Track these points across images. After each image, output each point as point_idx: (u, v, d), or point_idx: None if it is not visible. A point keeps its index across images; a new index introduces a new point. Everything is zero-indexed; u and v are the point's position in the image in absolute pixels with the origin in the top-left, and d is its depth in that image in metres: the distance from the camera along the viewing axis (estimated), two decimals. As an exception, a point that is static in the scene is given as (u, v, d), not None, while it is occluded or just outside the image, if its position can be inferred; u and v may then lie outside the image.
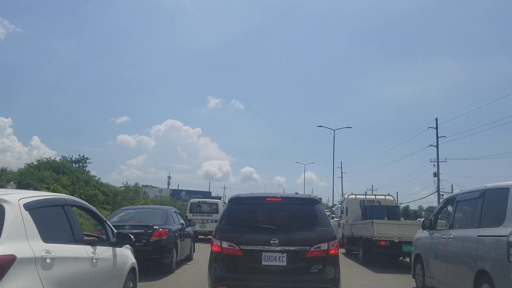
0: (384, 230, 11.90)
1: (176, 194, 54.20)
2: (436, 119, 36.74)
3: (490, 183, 6.26)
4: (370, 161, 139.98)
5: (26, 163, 28.85)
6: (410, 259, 12.33)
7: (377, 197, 17.67)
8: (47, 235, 3.65)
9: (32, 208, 3.60)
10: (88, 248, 4.37)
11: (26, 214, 3.48)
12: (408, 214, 52.18)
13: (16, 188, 16.57)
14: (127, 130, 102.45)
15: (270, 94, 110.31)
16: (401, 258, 13.43)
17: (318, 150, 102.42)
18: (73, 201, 4.77)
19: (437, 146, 36.95)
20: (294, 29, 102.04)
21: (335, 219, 19.96)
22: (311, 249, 5.42)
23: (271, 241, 5.38)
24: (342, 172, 52.36)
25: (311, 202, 6.09)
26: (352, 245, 15.07)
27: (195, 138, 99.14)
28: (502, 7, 78.81)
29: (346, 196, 18.88)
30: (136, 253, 6.05)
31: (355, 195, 17.98)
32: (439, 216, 8.01)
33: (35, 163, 28.58)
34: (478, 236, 5.76)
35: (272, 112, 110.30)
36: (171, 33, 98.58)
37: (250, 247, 5.43)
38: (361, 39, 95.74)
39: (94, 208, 5.37)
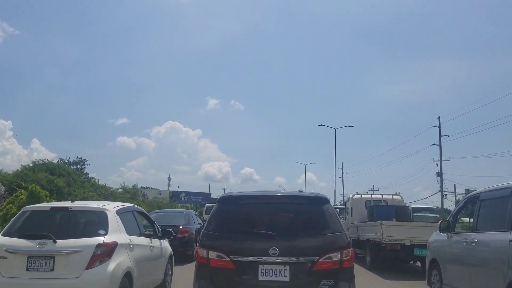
0: (394, 232, 11.08)
1: (175, 195, 53.69)
2: (439, 117, 35.37)
3: (494, 182, 5.62)
4: (371, 161, 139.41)
5: (22, 165, 28.31)
6: (421, 263, 11.98)
7: (384, 196, 16.60)
8: (128, 230, 5.91)
9: (120, 213, 5.91)
10: (147, 239, 6.63)
11: (118, 217, 5.74)
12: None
13: (5, 190, 16.36)
14: (126, 131, 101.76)
15: (270, 94, 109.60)
16: (411, 262, 12.80)
17: (319, 150, 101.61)
18: (136, 208, 7.37)
19: (440, 145, 35.48)
20: (294, 28, 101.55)
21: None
22: (320, 260, 4.46)
23: (270, 251, 4.43)
24: (343, 173, 51.61)
25: (319, 202, 5.01)
26: (358, 248, 14.14)
27: (196, 139, 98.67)
28: (504, 5, 78.22)
29: (351, 196, 17.81)
30: None
31: (361, 194, 17.05)
32: (458, 217, 7.22)
33: (31, 165, 28.04)
34: (510, 240, 5.06)
35: (272, 113, 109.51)
36: (171, 34, 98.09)
37: (244, 258, 4.48)
38: (361, 38, 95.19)
39: (148, 214, 7.97)
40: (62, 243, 5.16)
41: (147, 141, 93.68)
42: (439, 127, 35.25)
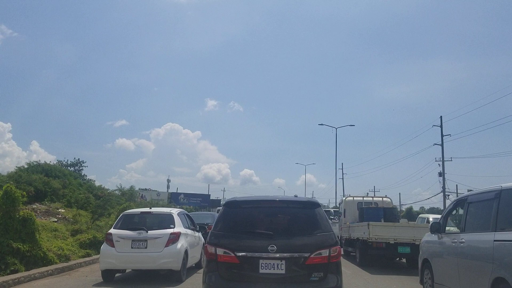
0: (380, 232, 11.96)
1: (174, 197, 53.58)
2: (441, 117, 34.59)
3: (496, 182, 5.79)
4: (372, 162, 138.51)
5: (16, 166, 28.33)
6: (406, 260, 13.05)
7: (375, 199, 17.51)
8: (183, 225, 9.56)
9: (179, 215, 9.74)
10: (192, 231, 10.23)
11: (178, 217, 9.51)
12: (412, 215, 51.11)
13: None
14: (125, 133, 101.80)
15: (269, 95, 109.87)
16: (397, 259, 13.65)
17: (318, 152, 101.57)
18: (185, 212, 11.38)
19: (442, 145, 34.60)
20: (292, 30, 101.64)
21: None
22: (312, 255, 5.02)
23: (269, 248, 4.99)
24: (343, 173, 51.19)
25: (311, 206, 5.63)
26: (350, 247, 15.17)
27: (195, 141, 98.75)
28: (504, 6, 78.04)
29: (344, 198, 18.65)
30: None
31: (353, 197, 17.83)
32: (449, 218, 7.45)
33: (26, 166, 28.08)
34: (495, 240, 5.23)
35: (272, 114, 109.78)
36: (169, 36, 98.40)
37: (246, 254, 5.03)
38: (360, 40, 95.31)
39: (190, 215, 11.54)
40: (151, 232, 8.88)
41: (147, 143, 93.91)
42: (441, 126, 34.37)
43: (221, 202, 62.89)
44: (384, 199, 17.19)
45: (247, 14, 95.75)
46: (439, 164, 35.39)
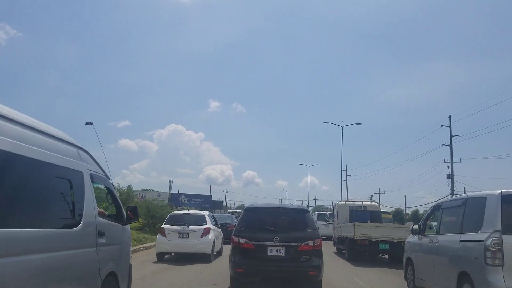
0: (363, 231, 13.88)
1: (175, 197, 53.59)
2: (450, 116, 32.86)
3: (507, 184, 6.79)
4: (376, 164, 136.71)
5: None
6: (388, 256, 14.78)
7: (364, 203, 19.35)
8: (211, 223, 13.79)
9: (208, 215, 14.47)
10: (216, 228, 14.11)
11: (208, 217, 14.02)
12: (418, 218, 50.73)
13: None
14: (129, 134, 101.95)
15: (272, 97, 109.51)
16: (380, 255, 15.35)
17: (321, 154, 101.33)
18: (211, 214, 15.84)
19: (450, 146, 33.10)
20: (295, 31, 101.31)
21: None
22: (302, 244, 7.48)
23: (274, 239, 7.48)
24: (347, 175, 50.89)
25: (303, 211, 8.39)
26: (341, 245, 16.86)
27: (198, 142, 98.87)
28: (505, 7, 77.54)
29: (337, 202, 20.69)
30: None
31: (345, 201, 20.63)
32: (428, 222, 8.48)
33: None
34: (460, 240, 6.24)
35: (275, 116, 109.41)
36: (172, 37, 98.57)
37: (259, 242, 7.51)
38: (363, 41, 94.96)
39: (214, 216, 15.99)
40: (191, 227, 12.70)
41: (150, 143, 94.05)
42: (450, 126, 32.85)
43: (223, 204, 63.33)
44: (372, 203, 19.93)
45: (249, 16, 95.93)
46: (447, 166, 34.11)
